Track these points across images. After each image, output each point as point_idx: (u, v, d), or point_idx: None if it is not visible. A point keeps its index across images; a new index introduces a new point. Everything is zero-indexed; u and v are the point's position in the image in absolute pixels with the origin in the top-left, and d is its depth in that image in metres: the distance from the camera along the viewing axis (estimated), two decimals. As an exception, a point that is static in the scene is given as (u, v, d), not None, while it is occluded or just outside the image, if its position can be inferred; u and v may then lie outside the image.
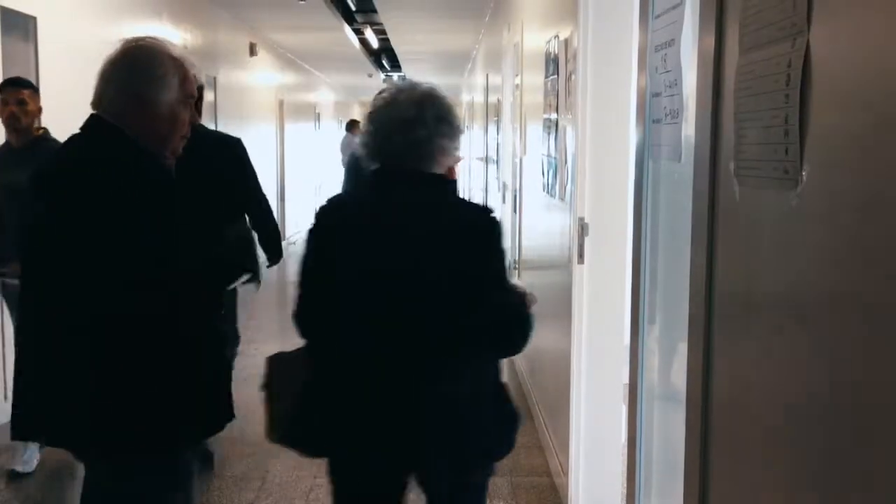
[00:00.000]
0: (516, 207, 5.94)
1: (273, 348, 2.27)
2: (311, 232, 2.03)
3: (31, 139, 3.89)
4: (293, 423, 2.00)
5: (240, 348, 4.26)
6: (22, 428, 1.94)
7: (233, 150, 3.83)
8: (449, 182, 2.01)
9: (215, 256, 2.04)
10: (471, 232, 1.92)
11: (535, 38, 4.85)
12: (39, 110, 3.97)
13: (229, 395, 2.08)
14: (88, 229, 1.80)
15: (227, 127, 9.57)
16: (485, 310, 1.89)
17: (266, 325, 7.52)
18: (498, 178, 8.07)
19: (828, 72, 1.13)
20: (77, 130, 1.95)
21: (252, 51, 10.89)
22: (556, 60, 3.89)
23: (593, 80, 3.18)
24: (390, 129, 1.94)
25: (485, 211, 2.01)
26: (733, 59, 1.46)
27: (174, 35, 7.72)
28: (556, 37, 3.89)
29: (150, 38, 1.99)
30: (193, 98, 1.97)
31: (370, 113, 2.01)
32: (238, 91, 10.26)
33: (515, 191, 5.99)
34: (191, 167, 2.05)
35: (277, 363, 2.12)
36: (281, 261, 3.99)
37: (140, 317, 1.82)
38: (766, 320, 1.34)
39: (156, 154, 1.90)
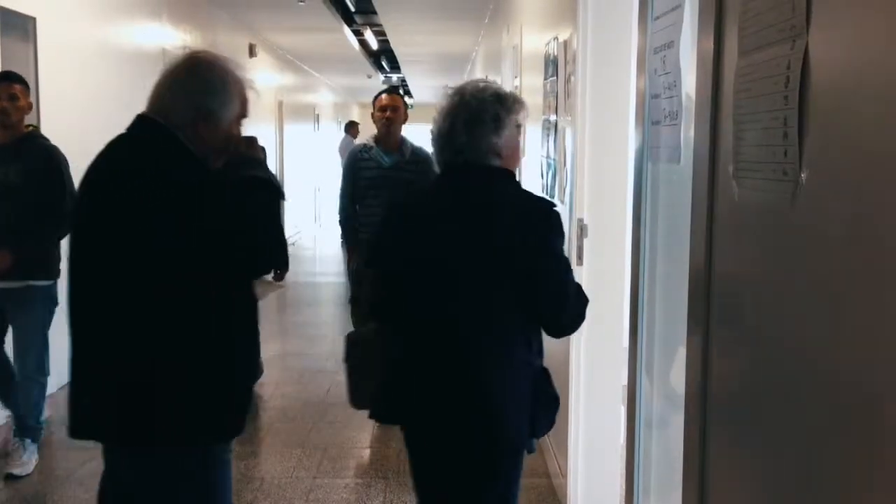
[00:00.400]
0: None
1: (273, 348, 2.27)
2: (383, 224, 2.28)
3: (20, 136, 3.84)
4: (378, 396, 2.19)
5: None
6: (78, 429, 2.03)
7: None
8: (501, 172, 2.11)
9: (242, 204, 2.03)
10: (521, 220, 2.03)
11: (535, 39, 4.86)
12: (30, 106, 3.92)
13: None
14: (145, 230, 1.87)
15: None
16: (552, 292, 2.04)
17: (265, 327, 7.51)
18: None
19: (827, 74, 1.13)
20: (130, 129, 2.02)
21: (251, 52, 10.89)
22: (555, 62, 3.89)
23: (592, 82, 3.18)
24: (450, 122, 2.09)
25: (539, 201, 2.12)
26: (732, 60, 1.46)
27: (173, 36, 7.72)
28: (556, 38, 3.90)
29: (217, 54, 2.10)
30: (246, 117, 2.09)
31: (438, 112, 2.15)
32: (237, 92, 10.25)
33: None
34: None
35: (356, 341, 2.38)
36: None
37: (186, 315, 1.90)
38: (765, 322, 1.35)
39: (205, 163, 1.99)
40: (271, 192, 2.08)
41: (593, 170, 3.21)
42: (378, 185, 4.63)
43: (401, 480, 3.91)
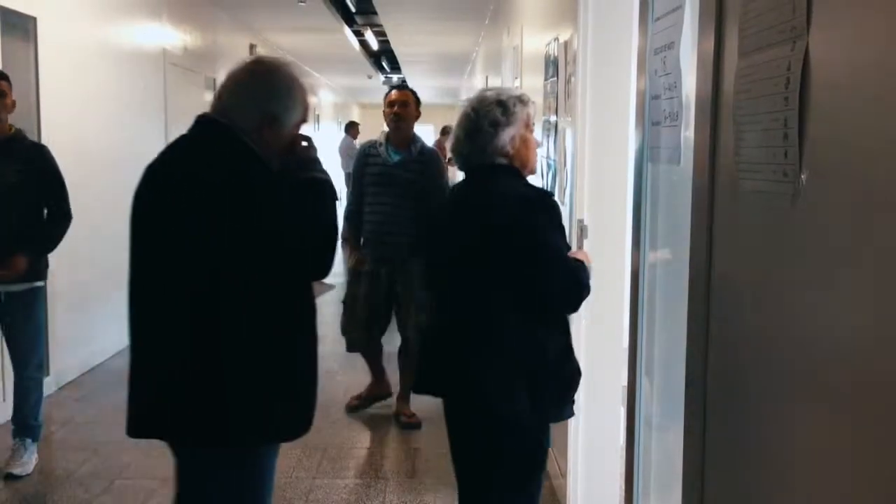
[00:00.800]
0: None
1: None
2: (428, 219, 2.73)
3: (8, 136, 3.73)
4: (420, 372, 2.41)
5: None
6: (136, 427, 2.05)
7: None
8: (504, 169, 2.28)
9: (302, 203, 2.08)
10: (512, 211, 2.16)
11: (535, 40, 4.86)
12: (13, 104, 3.78)
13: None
14: (210, 230, 1.90)
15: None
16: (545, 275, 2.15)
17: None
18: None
19: (827, 75, 1.13)
20: (192, 130, 2.08)
21: (251, 52, 10.89)
22: (555, 63, 3.89)
23: (593, 83, 3.18)
24: (456, 134, 2.34)
25: (532, 190, 2.26)
26: (733, 61, 1.46)
27: (174, 36, 7.72)
28: (556, 39, 3.90)
29: (282, 59, 2.16)
30: (307, 122, 2.16)
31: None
32: (238, 92, 10.26)
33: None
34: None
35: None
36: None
37: (249, 315, 1.94)
38: (765, 322, 1.35)
39: (268, 165, 2.04)
40: (329, 193, 2.12)
41: (593, 170, 3.21)
42: (380, 182, 4.54)
43: (400, 481, 3.91)
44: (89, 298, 5.80)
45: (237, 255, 1.91)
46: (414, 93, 4.63)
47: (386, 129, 4.66)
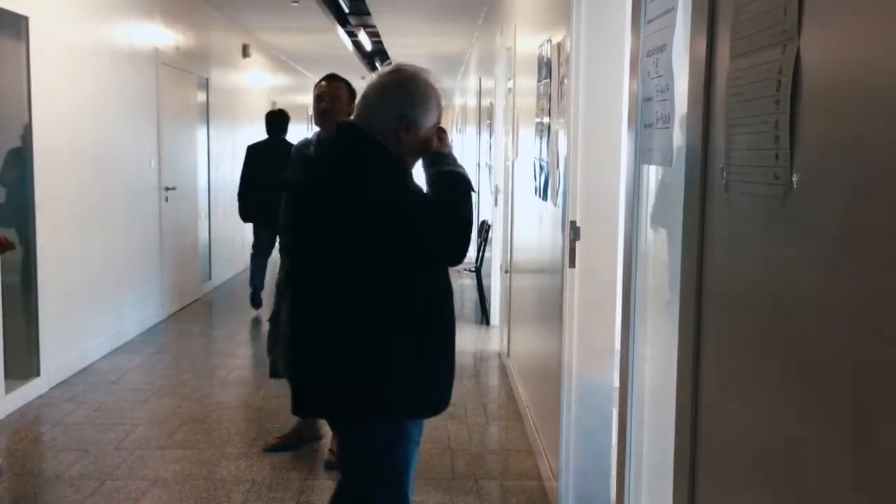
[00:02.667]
0: (508, 211, 5.95)
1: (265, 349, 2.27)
2: None
3: None
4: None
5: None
6: (300, 406, 2.36)
7: None
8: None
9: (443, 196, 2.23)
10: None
11: (528, 42, 4.86)
12: None
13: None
14: (364, 224, 2.09)
15: (219, 128, 9.56)
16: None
17: (258, 328, 7.50)
18: (490, 182, 8.08)
19: (818, 78, 1.14)
20: (336, 135, 2.33)
21: (245, 52, 10.87)
22: (548, 64, 3.90)
23: (585, 85, 3.19)
24: None
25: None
26: (724, 64, 1.47)
27: (166, 35, 7.70)
28: (549, 41, 3.90)
29: (419, 67, 2.30)
30: (440, 125, 2.32)
31: None
32: (230, 92, 10.25)
33: (507, 194, 6.00)
34: None
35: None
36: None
37: (400, 301, 2.14)
38: (756, 324, 1.35)
39: (404, 163, 2.24)
40: (465, 184, 2.23)
41: (586, 172, 3.22)
42: None
43: (392, 482, 3.90)
44: (80, 298, 5.78)
45: (384, 247, 2.09)
46: (347, 84, 4.07)
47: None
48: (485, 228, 7.84)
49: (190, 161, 8.49)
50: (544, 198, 3.98)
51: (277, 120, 7.56)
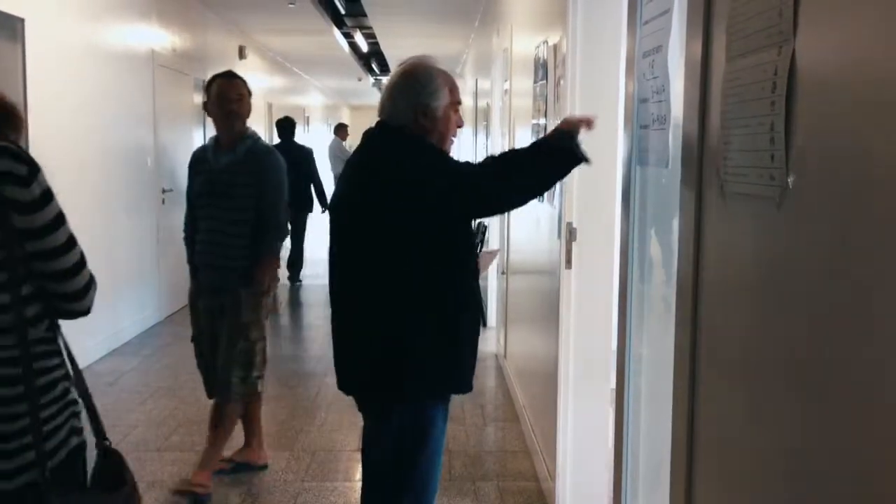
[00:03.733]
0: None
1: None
2: None
3: None
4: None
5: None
6: (340, 384, 2.41)
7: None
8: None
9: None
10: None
11: (525, 43, 4.87)
12: None
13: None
14: (405, 208, 2.20)
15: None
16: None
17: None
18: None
19: (814, 79, 1.14)
20: (372, 134, 2.43)
21: (241, 54, 10.87)
22: (544, 65, 3.90)
23: (582, 86, 3.19)
24: None
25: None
26: (720, 65, 1.47)
27: (162, 37, 7.70)
28: (546, 42, 3.90)
29: (418, 57, 2.44)
30: (460, 103, 2.43)
31: None
32: (227, 94, 10.23)
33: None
34: None
35: None
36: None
37: (433, 283, 2.25)
38: (752, 325, 1.35)
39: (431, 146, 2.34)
40: (555, 158, 2.32)
41: (582, 173, 3.21)
42: (207, 192, 3.65)
43: (389, 483, 3.90)
44: (77, 301, 5.76)
45: (423, 228, 2.21)
46: (245, 83, 3.75)
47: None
48: (481, 230, 7.84)
49: (186, 162, 8.48)
50: (541, 199, 3.99)
51: (289, 125, 9.18)
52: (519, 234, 5.20)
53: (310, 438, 4.48)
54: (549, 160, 2.30)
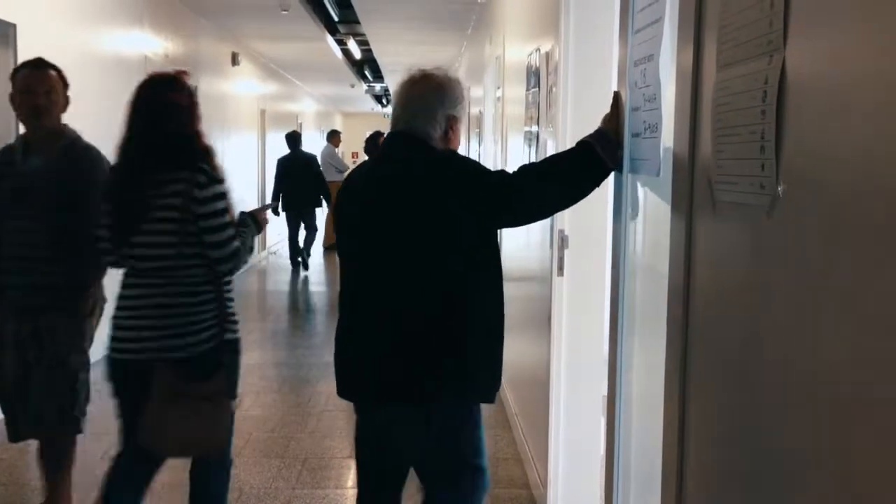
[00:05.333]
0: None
1: (252, 357, 2.28)
2: None
3: None
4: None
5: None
6: (345, 391, 2.42)
7: None
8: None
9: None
10: None
11: (517, 50, 4.88)
12: None
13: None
14: (433, 215, 2.25)
15: (208, 136, 9.53)
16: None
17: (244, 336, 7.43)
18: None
19: (804, 89, 1.14)
20: (388, 146, 2.46)
21: (234, 60, 10.87)
22: (537, 73, 3.91)
23: (574, 93, 3.20)
24: None
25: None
26: (711, 74, 1.48)
27: (155, 43, 7.69)
28: (538, 50, 3.92)
29: (443, 69, 2.47)
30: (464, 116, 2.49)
31: None
32: (220, 100, 10.24)
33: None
34: None
35: None
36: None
37: (462, 290, 2.28)
38: (743, 334, 1.35)
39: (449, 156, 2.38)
40: (590, 167, 2.29)
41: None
42: (15, 199, 3.10)
43: (381, 491, 3.89)
44: (67, 307, 5.74)
45: (456, 233, 2.25)
46: (60, 71, 3.27)
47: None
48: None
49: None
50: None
51: (296, 137, 11.31)
52: (511, 241, 5.21)
53: (300, 446, 4.46)
54: (582, 171, 2.29)
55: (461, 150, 2.60)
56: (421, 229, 2.27)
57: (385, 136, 2.63)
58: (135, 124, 2.75)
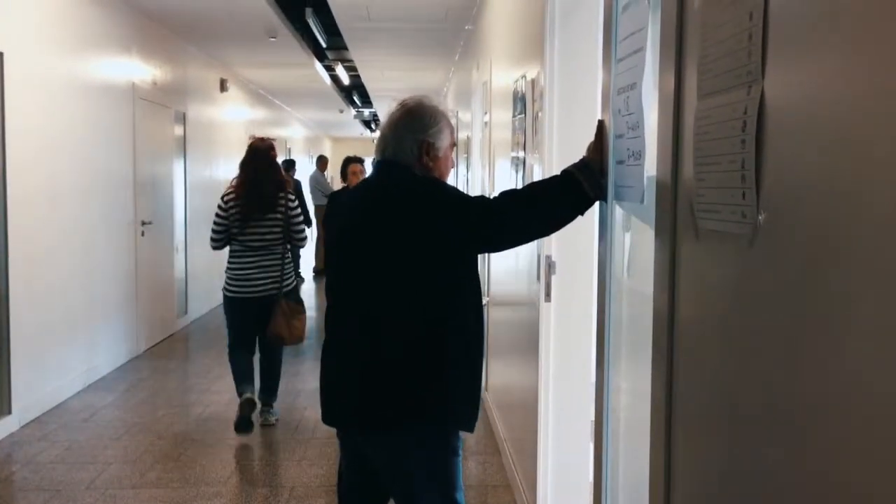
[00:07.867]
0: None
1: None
2: None
3: None
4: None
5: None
6: (331, 418, 2.42)
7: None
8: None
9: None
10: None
11: (504, 77, 4.92)
12: None
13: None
14: (410, 240, 2.27)
15: (196, 162, 9.54)
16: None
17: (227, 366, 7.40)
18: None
19: (783, 119, 1.16)
20: (374, 172, 2.53)
21: (223, 86, 10.89)
22: (523, 99, 3.94)
23: (559, 120, 3.22)
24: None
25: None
26: (692, 104, 1.49)
27: (143, 70, 7.70)
28: (524, 76, 3.95)
29: (420, 96, 2.51)
30: (456, 145, 2.57)
31: None
32: (208, 126, 10.25)
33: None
34: None
35: None
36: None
37: (440, 316, 2.29)
38: (726, 362, 1.36)
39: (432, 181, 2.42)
40: (571, 195, 2.31)
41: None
42: None
43: (369, 519, 3.85)
44: (53, 335, 5.71)
45: (434, 254, 2.27)
46: None
47: None
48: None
49: (167, 195, 8.45)
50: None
51: (292, 164, 12.71)
52: (499, 266, 5.21)
53: (288, 474, 4.43)
54: (562, 199, 2.29)
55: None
56: (398, 255, 2.28)
57: (357, 162, 2.75)
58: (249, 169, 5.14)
